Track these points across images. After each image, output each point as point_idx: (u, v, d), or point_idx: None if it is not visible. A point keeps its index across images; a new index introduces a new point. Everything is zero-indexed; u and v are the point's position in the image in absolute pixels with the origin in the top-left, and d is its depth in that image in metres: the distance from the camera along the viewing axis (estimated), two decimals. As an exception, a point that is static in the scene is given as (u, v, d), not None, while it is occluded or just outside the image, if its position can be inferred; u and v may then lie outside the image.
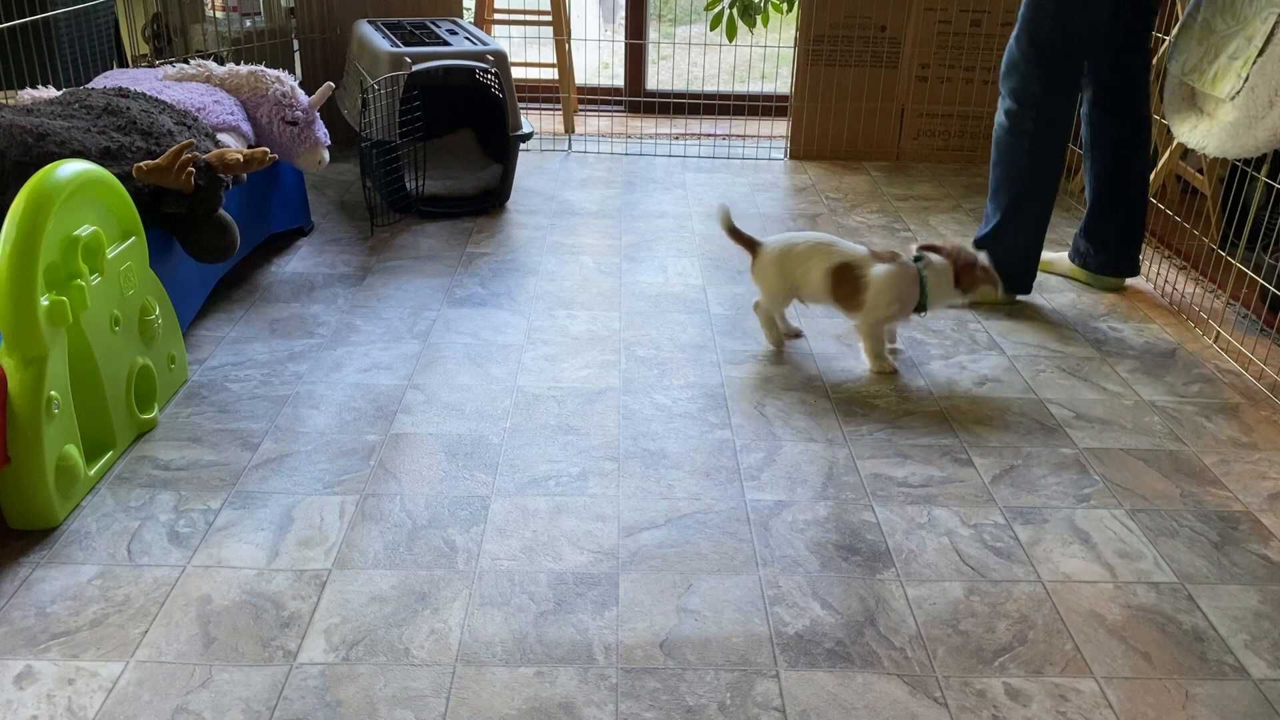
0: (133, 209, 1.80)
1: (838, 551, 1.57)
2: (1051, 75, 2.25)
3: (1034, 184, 2.35)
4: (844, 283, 2.07)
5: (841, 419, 1.95)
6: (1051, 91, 2.27)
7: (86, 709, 1.25)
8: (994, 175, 2.40)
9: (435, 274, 2.55)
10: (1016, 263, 2.40)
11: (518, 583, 1.49)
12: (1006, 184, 2.36)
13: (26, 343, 1.50)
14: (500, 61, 2.94)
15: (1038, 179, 2.34)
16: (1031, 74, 2.26)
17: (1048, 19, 2.21)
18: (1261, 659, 1.39)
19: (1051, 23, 2.21)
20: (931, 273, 2.06)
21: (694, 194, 3.22)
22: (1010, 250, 2.38)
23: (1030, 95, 2.27)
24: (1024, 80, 2.27)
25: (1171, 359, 2.23)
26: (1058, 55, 2.24)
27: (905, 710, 1.29)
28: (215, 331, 2.22)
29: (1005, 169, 2.36)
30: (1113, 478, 1.79)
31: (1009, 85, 2.31)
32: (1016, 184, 2.35)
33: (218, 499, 1.66)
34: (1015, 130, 2.31)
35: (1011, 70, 2.30)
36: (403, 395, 1.98)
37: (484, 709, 1.27)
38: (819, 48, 3.52)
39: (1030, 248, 2.41)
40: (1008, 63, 2.31)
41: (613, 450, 1.82)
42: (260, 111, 2.51)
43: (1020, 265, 2.41)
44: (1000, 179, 2.38)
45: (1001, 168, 2.37)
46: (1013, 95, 2.31)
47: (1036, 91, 2.27)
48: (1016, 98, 2.30)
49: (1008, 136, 2.33)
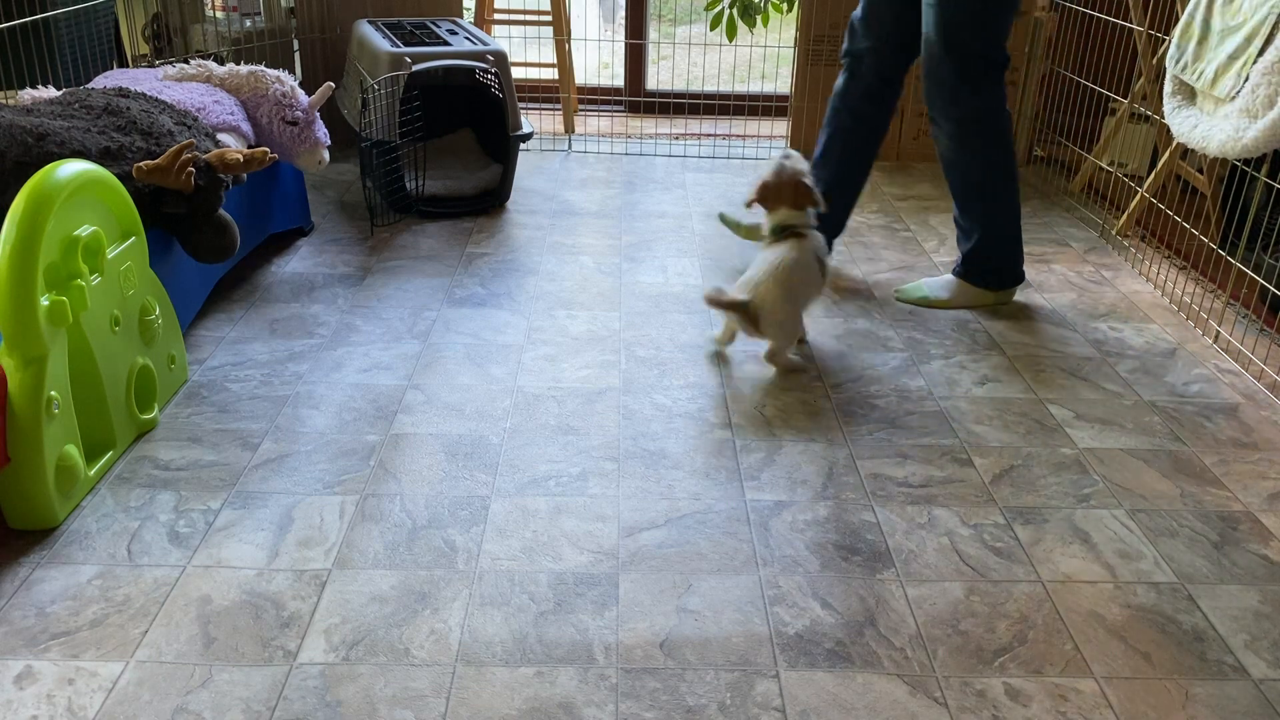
0: (133, 209, 1.80)
1: (838, 551, 1.57)
2: (992, 82, 2.28)
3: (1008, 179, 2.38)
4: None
5: (841, 419, 1.95)
6: (996, 95, 2.29)
7: (86, 709, 1.25)
8: (961, 186, 2.41)
9: (435, 274, 2.55)
10: (1011, 256, 2.42)
11: (518, 583, 1.49)
12: (977, 190, 2.38)
13: (26, 343, 1.50)
14: (500, 61, 2.94)
15: (1008, 173, 2.38)
16: (964, 89, 2.27)
17: (979, 30, 2.22)
18: (1261, 659, 1.39)
19: (987, 32, 2.22)
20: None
21: (694, 194, 3.22)
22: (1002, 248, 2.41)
23: (969, 107, 2.28)
24: (956, 97, 2.27)
25: (1171, 359, 2.23)
26: (995, 60, 2.26)
27: (905, 710, 1.29)
28: (215, 331, 2.22)
29: (972, 175, 2.37)
30: (1113, 478, 1.79)
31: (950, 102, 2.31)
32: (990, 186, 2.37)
33: (218, 499, 1.66)
34: (962, 146, 2.32)
35: (943, 89, 2.29)
36: (403, 395, 1.98)
37: (484, 709, 1.27)
38: (819, 48, 3.52)
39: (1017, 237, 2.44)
40: (935, 75, 2.29)
41: (613, 450, 1.82)
42: (260, 111, 2.51)
43: (1013, 257, 2.43)
44: (968, 187, 2.39)
45: (968, 175, 2.39)
46: (948, 113, 2.30)
47: (978, 102, 2.28)
48: (953, 114, 2.30)
49: (956, 153, 2.34)
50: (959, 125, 2.30)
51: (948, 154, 2.36)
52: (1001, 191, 2.36)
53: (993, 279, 2.42)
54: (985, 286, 2.43)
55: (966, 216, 2.41)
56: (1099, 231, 2.98)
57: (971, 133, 2.30)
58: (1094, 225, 3.03)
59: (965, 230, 2.42)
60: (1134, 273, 2.70)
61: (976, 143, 2.31)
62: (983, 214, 2.38)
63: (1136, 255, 2.77)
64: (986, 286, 2.43)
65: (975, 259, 2.41)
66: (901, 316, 2.40)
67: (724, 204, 3.12)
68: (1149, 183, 2.84)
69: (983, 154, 2.32)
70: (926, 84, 2.31)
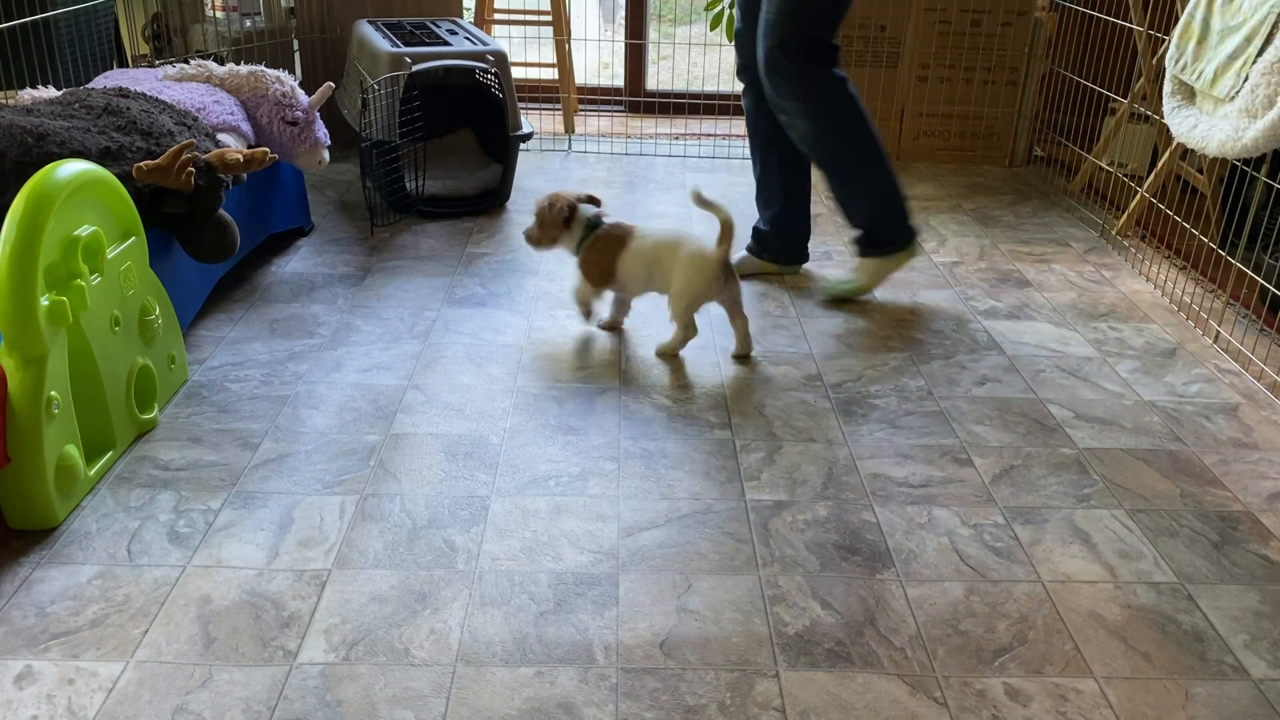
0: (133, 209, 1.80)
1: (838, 551, 1.57)
2: (828, 65, 2.30)
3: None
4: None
5: (841, 419, 1.95)
6: (833, 76, 2.32)
7: (86, 709, 1.25)
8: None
9: (435, 274, 2.55)
10: (901, 213, 2.46)
11: (518, 583, 1.49)
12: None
13: (26, 343, 1.50)
14: (500, 61, 2.94)
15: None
16: (805, 78, 2.28)
17: (816, 21, 2.24)
18: (1261, 659, 1.39)
19: (822, 24, 2.25)
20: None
21: (694, 194, 3.22)
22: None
23: (814, 93, 2.31)
24: (800, 88, 2.29)
25: (1171, 359, 2.23)
26: (829, 45, 2.29)
27: (905, 710, 1.29)
28: (215, 331, 2.22)
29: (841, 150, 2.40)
30: (1113, 478, 1.79)
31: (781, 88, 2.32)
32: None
33: (218, 499, 1.66)
34: (820, 132, 2.35)
35: (787, 83, 2.30)
36: (403, 395, 1.98)
37: (484, 709, 1.27)
38: (819, 48, 3.52)
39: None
40: (776, 68, 2.30)
41: (613, 450, 1.82)
42: (260, 111, 2.51)
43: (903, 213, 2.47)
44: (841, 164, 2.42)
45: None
46: (796, 105, 2.32)
47: (820, 85, 2.30)
48: (801, 104, 2.32)
49: (817, 140, 2.37)
50: (811, 104, 2.31)
51: (809, 137, 2.36)
52: (873, 158, 2.38)
53: (894, 243, 2.45)
54: (891, 253, 2.45)
55: (849, 194, 2.43)
56: (1099, 231, 2.98)
57: (826, 106, 2.31)
58: (1094, 225, 3.03)
59: (851, 209, 2.45)
60: (1134, 273, 2.70)
61: (836, 113, 2.32)
62: (864, 186, 2.40)
63: (1136, 255, 2.77)
64: (893, 252, 2.45)
65: (873, 231, 2.44)
66: (901, 316, 2.40)
67: (724, 204, 3.11)
68: (1149, 183, 2.84)
69: (843, 125, 2.34)
70: (768, 80, 2.31)
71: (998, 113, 3.58)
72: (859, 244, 2.47)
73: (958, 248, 2.83)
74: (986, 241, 2.89)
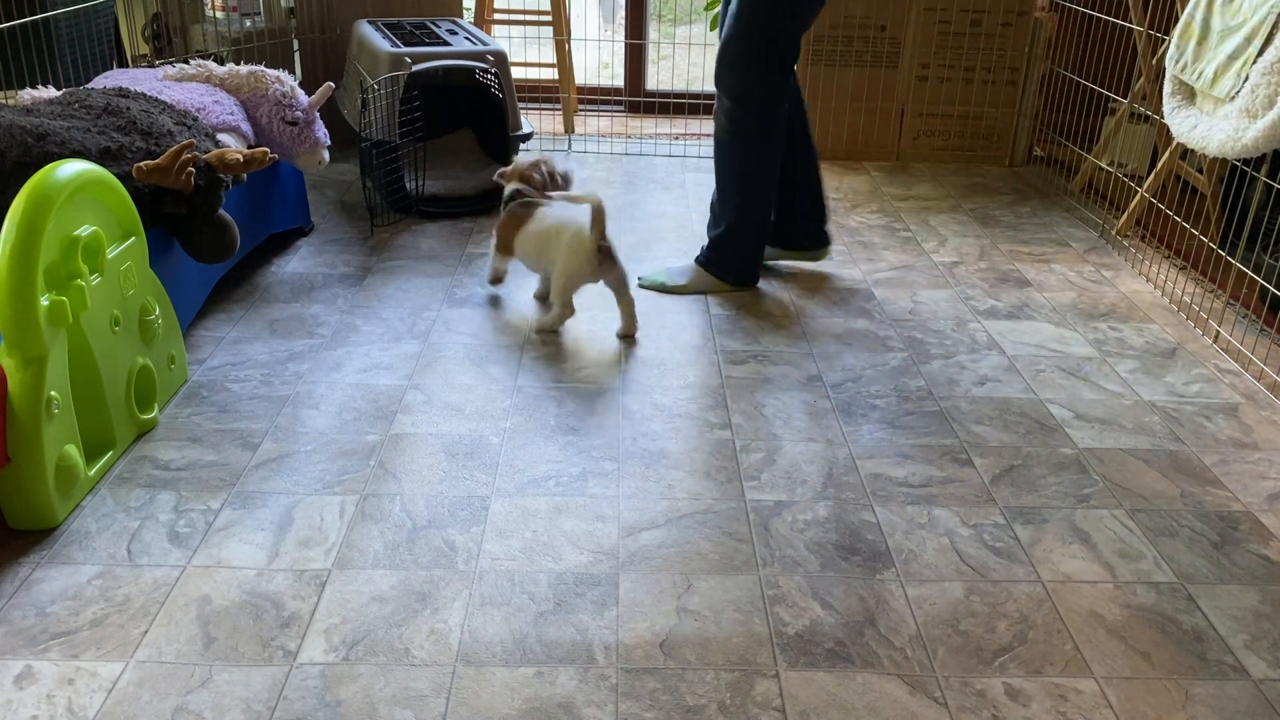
0: (133, 209, 1.80)
1: (838, 551, 1.57)
2: (780, 73, 2.31)
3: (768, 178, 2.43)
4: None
5: (841, 419, 1.95)
6: (781, 88, 2.33)
7: (86, 709, 1.25)
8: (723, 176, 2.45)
9: (435, 274, 2.55)
10: (752, 256, 2.47)
11: (518, 583, 1.49)
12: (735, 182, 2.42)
13: (26, 343, 1.50)
14: (500, 61, 2.94)
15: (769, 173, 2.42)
16: (752, 73, 2.29)
17: (783, 19, 2.24)
18: (1261, 659, 1.39)
19: (788, 23, 2.25)
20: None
21: (694, 194, 3.22)
22: (749, 244, 2.47)
23: (753, 94, 2.31)
24: (743, 80, 2.30)
25: (1171, 359, 2.23)
26: (789, 54, 2.29)
27: (905, 710, 1.29)
28: (215, 331, 2.22)
29: (739, 162, 2.39)
30: (1113, 478, 1.79)
31: (733, 85, 2.32)
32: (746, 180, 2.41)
33: (218, 499, 1.66)
34: (737, 130, 2.34)
35: (732, 71, 2.31)
36: (403, 395, 1.98)
37: (484, 709, 1.27)
38: (819, 48, 3.52)
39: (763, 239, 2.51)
40: (730, 64, 2.30)
41: (613, 450, 1.82)
42: (260, 111, 2.51)
43: (754, 257, 2.48)
44: (731, 174, 2.42)
45: (725, 166, 2.42)
46: (732, 95, 2.32)
47: (763, 90, 2.31)
48: (736, 96, 2.32)
49: (729, 137, 2.36)
50: (739, 106, 2.32)
51: (722, 135, 2.37)
52: (761, 187, 2.39)
53: (730, 273, 2.47)
54: (721, 278, 2.47)
55: (722, 202, 2.44)
56: (1099, 231, 2.98)
57: (749, 119, 2.32)
58: (1094, 225, 3.03)
59: (717, 216, 2.46)
60: (1134, 273, 2.70)
61: (752, 130, 2.33)
62: (739, 205, 2.41)
63: (1136, 255, 2.77)
64: (722, 279, 2.47)
65: (719, 247, 2.46)
66: (901, 316, 2.40)
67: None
68: (1149, 183, 2.84)
69: (755, 143, 2.34)
70: (718, 64, 2.32)
71: (998, 113, 3.58)
72: (702, 250, 2.50)
73: (957, 248, 2.83)
74: (986, 241, 2.89)
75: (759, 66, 2.28)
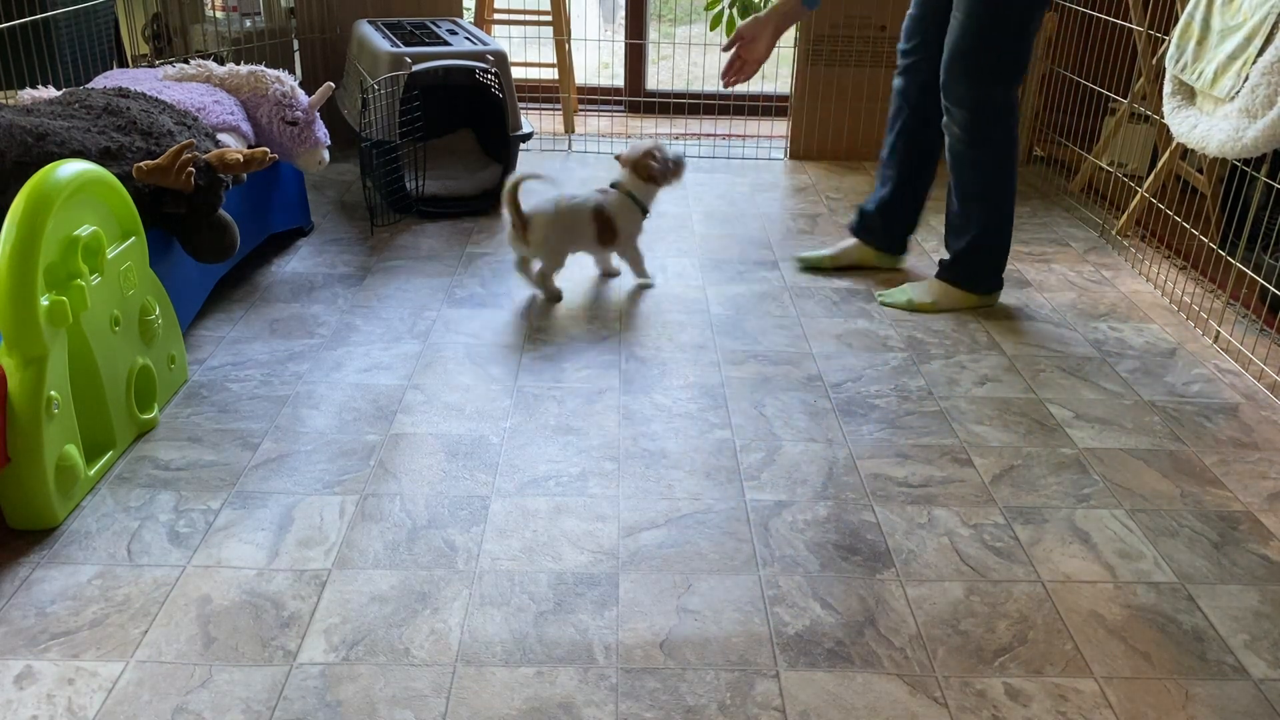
0: (133, 209, 1.80)
1: (838, 551, 1.57)
2: (1013, 82, 2.29)
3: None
4: (603, 224, 2.42)
5: (841, 419, 1.95)
6: (1014, 96, 2.31)
7: (86, 709, 1.25)
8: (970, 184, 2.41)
9: (435, 274, 2.55)
10: (998, 262, 2.45)
11: (518, 583, 1.49)
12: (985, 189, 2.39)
13: (26, 343, 1.50)
14: (500, 61, 2.94)
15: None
16: (985, 84, 2.27)
17: (1013, 27, 2.22)
18: (1261, 659, 1.39)
19: (1018, 31, 2.22)
20: (627, 184, 2.45)
21: (694, 194, 3.22)
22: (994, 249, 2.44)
23: (987, 103, 2.29)
24: (976, 91, 2.28)
25: (1171, 359, 2.23)
26: (1020, 61, 2.27)
27: (905, 710, 1.29)
28: (215, 331, 2.22)
29: (980, 171, 2.37)
30: (1113, 478, 1.79)
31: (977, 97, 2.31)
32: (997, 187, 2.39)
33: (218, 499, 1.66)
34: (974, 141, 2.32)
35: (965, 83, 2.29)
36: (403, 395, 1.98)
37: (484, 709, 1.27)
38: (819, 48, 3.52)
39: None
40: (962, 76, 2.29)
41: (613, 450, 1.82)
42: (260, 111, 2.51)
43: (999, 263, 2.46)
44: (972, 184, 2.39)
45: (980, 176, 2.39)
46: (966, 106, 2.31)
47: (997, 99, 2.29)
48: (970, 107, 2.30)
49: (966, 148, 2.34)
50: (974, 116, 2.29)
51: (958, 146, 2.34)
52: (1003, 193, 2.36)
53: (978, 283, 2.43)
54: (969, 289, 2.43)
55: (965, 214, 2.40)
56: (1099, 231, 2.98)
57: (986, 129, 2.30)
58: (1094, 225, 3.03)
59: (958, 229, 2.42)
60: (1134, 273, 2.70)
61: (989, 140, 2.31)
62: (982, 214, 2.38)
63: (1136, 255, 2.77)
64: (970, 290, 2.43)
65: (964, 259, 2.42)
66: (901, 316, 2.40)
67: (724, 204, 3.12)
68: (1149, 183, 2.84)
69: (993, 152, 2.32)
70: (948, 77, 2.29)
71: (998, 113, 3.57)
72: (942, 265, 2.46)
73: (958, 248, 2.83)
74: (986, 241, 2.88)
75: (992, 77, 2.25)
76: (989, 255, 2.42)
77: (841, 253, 2.66)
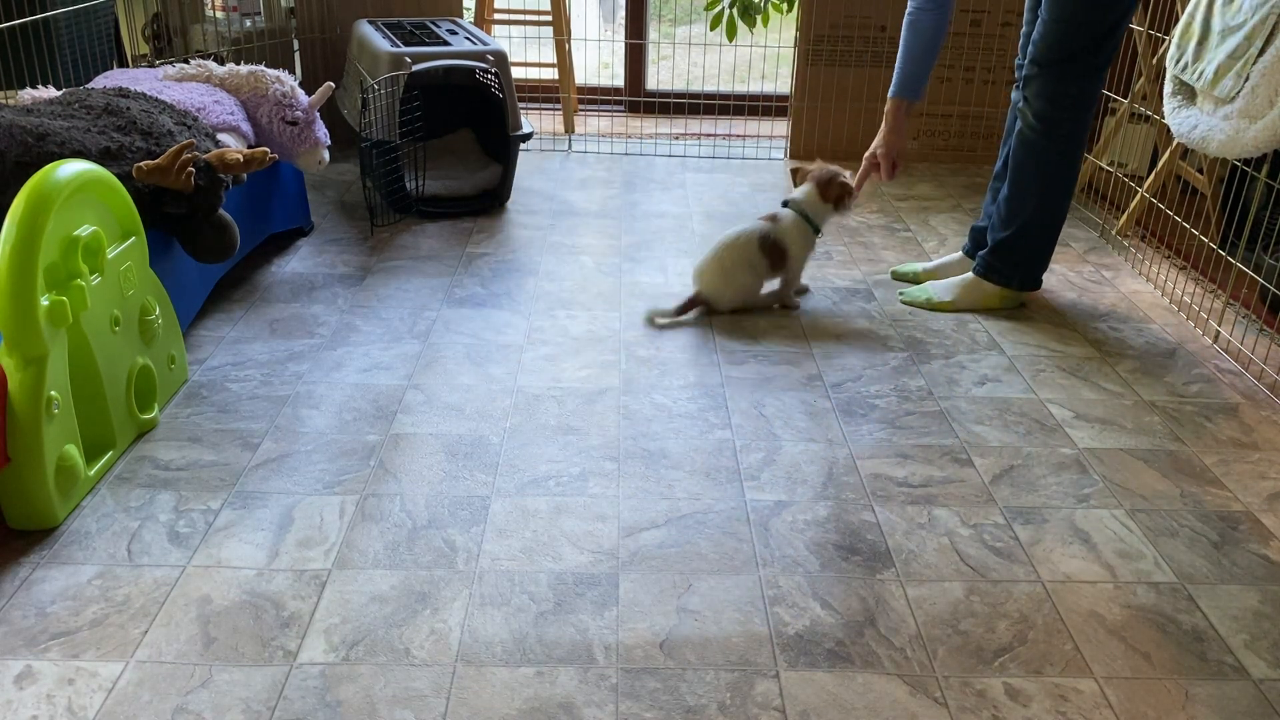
0: (133, 209, 1.80)
1: (838, 551, 1.57)
2: (1097, 76, 2.27)
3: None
4: (774, 253, 2.38)
5: (841, 419, 1.95)
6: (1096, 91, 2.29)
7: (86, 709, 1.25)
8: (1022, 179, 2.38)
9: (435, 274, 2.55)
10: (1042, 256, 2.43)
11: (518, 583, 1.49)
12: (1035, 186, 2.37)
13: (26, 343, 1.50)
14: (500, 61, 2.94)
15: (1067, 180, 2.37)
16: (1070, 76, 2.25)
17: (1099, 21, 2.20)
18: (1261, 659, 1.39)
19: (1105, 24, 2.20)
20: (805, 203, 2.41)
21: (694, 194, 3.22)
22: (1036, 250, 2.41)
23: (1069, 95, 2.27)
24: (1060, 82, 2.26)
25: (1171, 359, 2.23)
26: (1105, 55, 2.25)
27: (905, 710, 1.29)
28: (215, 331, 2.22)
29: (1043, 163, 2.35)
30: (1113, 478, 1.79)
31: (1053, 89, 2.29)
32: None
33: (218, 499, 1.66)
34: (1051, 133, 2.30)
35: (1049, 73, 2.27)
36: (403, 395, 1.98)
37: (484, 709, 1.27)
38: (819, 48, 3.52)
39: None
40: (1047, 65, 2.27)
41: (613, 450, 1.82)
42: (260, 111, 2.51)
43: (1043, 258, 2.44)
44: (1032, 175, 2.36)
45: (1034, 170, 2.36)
46: (1046, 96, 2.28)
47: (1079, 91, 2.27)
48: (1050, 98, 2.28)
49: (1040, 138, 2.31)
50: (1054, 107, 2.26)
51: (1030, 135, 2.31)
52: (1064, 187, 2.34)
53: (1014, 277, 2.40)
54: (1004, 284, 2.41)
55: (1018, 201, 2.36)
56: (1099, 231, 2.98)
57: (1065, 121, 2.28)
58: (1094, 225, 3.03)
59: (1005, 218, 2.38)
60: (1134, 273, 2.70)
61: (1066, 133, 2.28)
62: (1038, 204, 2.34)
63: (1136, 255, 2.77)
64: (1005, 284, 2.41)
65: (1006, 249, 2.39)
66: (901, 316, 2.40)
67: (724, 204, 3.12)
68: (1149, 183, 2.84)
69: (1065, 144, 2.30)
70: (1032, 65, 2.27)
71: (998, 113, 3.58)
72: (979, 260, 2.44)
73: (958, 248, 2.83)
74: (986, 241, 2.88)
75: (1078, 70, 2.24)
76: (1034, 244, 2.38)
77: (940, 267, 2.60)
